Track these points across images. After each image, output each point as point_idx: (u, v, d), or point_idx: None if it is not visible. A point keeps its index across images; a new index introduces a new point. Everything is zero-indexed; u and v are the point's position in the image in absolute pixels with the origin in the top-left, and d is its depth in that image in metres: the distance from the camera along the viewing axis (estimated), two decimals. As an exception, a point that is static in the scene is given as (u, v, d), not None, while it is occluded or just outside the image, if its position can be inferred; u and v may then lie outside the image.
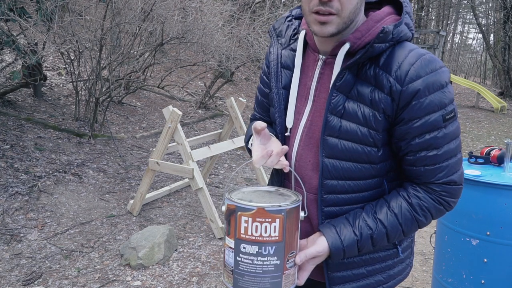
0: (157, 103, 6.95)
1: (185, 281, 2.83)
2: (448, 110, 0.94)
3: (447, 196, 1.00)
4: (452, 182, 0.99)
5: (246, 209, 0.85)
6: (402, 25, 0.95)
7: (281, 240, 0.87)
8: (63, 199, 3.71)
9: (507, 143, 2.23)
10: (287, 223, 0.87)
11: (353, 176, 1.01)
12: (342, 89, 0.97)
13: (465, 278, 2.16)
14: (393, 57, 0.94)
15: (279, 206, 0.86)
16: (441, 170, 0.97)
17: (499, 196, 2.01)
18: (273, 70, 1.11)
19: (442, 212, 1.03)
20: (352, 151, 0.98)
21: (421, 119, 0.93)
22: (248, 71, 10.06)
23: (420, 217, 1.00)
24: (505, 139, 2.26)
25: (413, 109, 0.92)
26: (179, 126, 3.39)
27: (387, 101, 0.94)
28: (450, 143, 0.96)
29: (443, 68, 0.94)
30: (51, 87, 6.00)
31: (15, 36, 4.41)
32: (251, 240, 0.85)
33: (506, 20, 14.16)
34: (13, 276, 2.75)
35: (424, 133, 0.94)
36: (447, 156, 0.97)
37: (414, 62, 0.92)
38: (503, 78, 14.73)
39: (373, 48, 0.93)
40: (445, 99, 0.93)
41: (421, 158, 0.97)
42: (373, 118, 0.95)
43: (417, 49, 0.96)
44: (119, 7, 4.67)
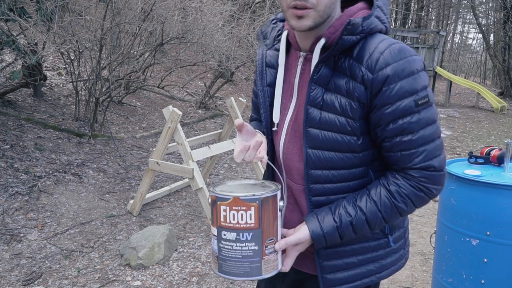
0: (157, 103, 6.95)
1: (185, 281, 2.83)
2: (420, 96, 0.96)
3: (427, 182, 1.00)
4: (431, 167, 1.00)
5: (223, 198, 0.93)
6: (372, 17, 0.99)
7: (258, 227, 0.94)
8: (63, 199, 3.71)
9: (507, 143, 2.23)
10: (262, 211, 0.94)
11: (336, 166, 1.04)
12: (319, 82, 1.02)
13: (465, 278, 2.16)
14: (364, 48, 0.98)
15: (253, 195, 0.93)
16: (418, 155, 0.99)
17: (499, 196, 2.01)
18: (258, 69, 1.18)
19: (424, 199, 1.03)
20: (333, 140, 1.02)
21: (393, 105, 0.95)
22: (248, 71, 10.05)
23: (399, 203, 1.02)
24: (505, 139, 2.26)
25: (384, 95, 0.95)
26: (179, 126, 3.39)
27: (360, 90, 0.97)
28: (425, 128, 0.97)
29: (414, 56, 0.97)
30: (51, 87, 6.00)
31: (15, 36, 4.41)
32: (229, 227, 0.93)
33: (506, 20, 14.16)
34: (13, 276, 2.75)
35: (397, 119, 0.96)
36: (424, 141, 0.98)
37: (384, 51, 0.96)
38: (503, 78, 14.73)
39: (343, 40, 0.97)
40: (416, 85, 0.95)
41: (396, 144, 0.99)
42: (349, 107, 0.99)
43: (388, 39, 0.99)
44: (119, 7, 4.67)
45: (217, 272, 0.99)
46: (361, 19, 0.97)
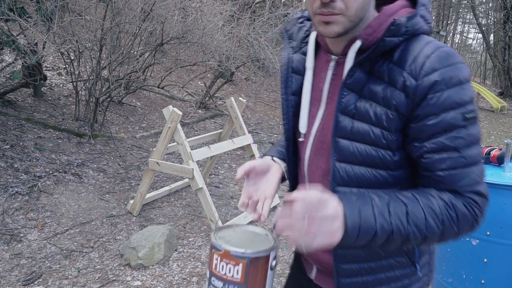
0: (157, 103, 6.95)
1: (185, 281, 2.83)
2: (468, 109, 0.84)
3: (477, 207, 0.86)
4: (480, 193, 0.86)
5: (217, 248, 0.94)
6: (417, 17, 0.88)
7: (243, 283, 0.93)
8: (63, 199, 3.71)
9: (507, 143, 2.23)
10: (250, 269, 0.93)
11: (367, 184, 0.92)
12: (353, 87, 0.91)
13: (465, 278, 2.16)
14: (407, 51, 0.87)
15: (243, 253, 0.92)
16: (465, 176, 0.85)
17: (499, 196, 2.01)
18: (283, 75, 1.07)
19: (468, 222, 0.86)
20: (365, 154, 0.90)
21: (438, 116, 0.84)
22: (248, 71, 10.06)
23: (445, 216, 0.84)
24: (505, 139, 2.26)
25: (429, 104, 0.83)
26: (179, 126, 3.39)
27: (400, 98, 0.86)
28: (471, 146, 0.85)
29: (462, 64, 0.86)
30: (51, 87, 6.00)
31: (15, 36, 4.41)
32: (218, 276, 0.95)
33: (506, 20, 14.16)
34: (13, 276, 2.75)
35: (441, 132, 0.84)
36: (470, 161, 0.85)
37: (430, 55, 0.84)
38: (503, 78, 14.73)
39: (385, 42, 0.86)
40: (464, 96, 0.84)
41: (439, 161, 0.85)
42: (385, 116, 0.87)
43: (434, 41, 0.87)
44: (119, 7, 4.67)
45: None
46: (405, 18, 0.86)
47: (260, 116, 7.87)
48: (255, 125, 7.19)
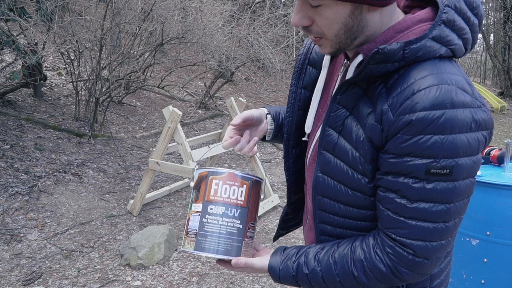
0: (157, 103, 6.95)
1: (185, 281, 2.83)
2: (439, 164, 0.73)
3: (398, 263, 0.81)
4: (409, 248, 0.79)
5: (218, 173, 0.96)
6: (424, 41, 0.75)
7: (245, 205, 0.96)
8: (63, 199, 3.71)
9: (507, 143, 2.23)
10: (252, 192, 0.97)
11: (344, 201, 0.88)
12: (344, 103, 0.85)
13: (465, 278, 2.16)
14: (402, 79, 0.77)
15: (248, 174, 0.97)
16: (404, 227, 0.79)
17: (499, 196, 2.01)
18: (298, 64, 1.00)
19: (391, 280, 0.83)
20: (343, 173, 0.86)
21: (400, 158, 0.76)
22: (248, 71, 10.05)
23: (358, 274, 0.85)
24: (505, 139, 2.26)
25: (395, 142, 0.76)
26: (179, 126, 3.39)
27: (375, 129, 0.78)
28: (429, 203, 0.76)
29: (458, 110, 0.72)
30: (51, 87, 6.00)
31: (15, 36, 4.41)
32: (219, 201, 0.95)
33: (506, 20, 14.16)
34: (13, 276, 2.75)
35: (399, 174, 0.77)
36: (419, 216, 0.77)
37: (418, 91, 0.73)
38: (503, 78, 14.73)
39: (369, 69, 0.77)
40: (439, 149, 0.72)
41: (387, 199, 0.80)
42: (361, 144, 0.81)
43: (436, 74, 0.74)
44: (119, 7, 4.67)
45: (192, 251, 0.96)
46: (401, 44, 0.75)
47: (260, 116, 7.86)
48: (255, 125, 7.18)
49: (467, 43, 0.81)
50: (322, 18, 0.78)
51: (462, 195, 0.77)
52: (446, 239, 0.80)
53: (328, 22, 0.78)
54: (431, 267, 0.82)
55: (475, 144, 0.75)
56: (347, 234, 0.92)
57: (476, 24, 0.81)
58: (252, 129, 1.09)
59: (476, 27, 0.81)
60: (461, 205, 0.79)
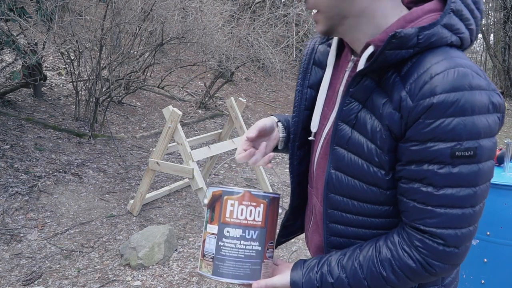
0: (157, 103, 6.95)
1: (185, 281, 2.83)
2: (463, 146, 0.73)
3: (429, 256, 0.79)
4: (439, 238, 0.78)
5: (232, 192, 0.91)
6: (437, 27, 0.77)
7: (263, 226, 0.91)
8: (63, 199, 3.72)
9: (507, 143, 2.23)
10: (269, 210, 0.93)
11: (358, 197, 0.87)
12: (357, 96, 0.85)
13: (465, 278, 2.16)
14: (416, 66, 0.77)
15: (264, 192, 0.92)
16: (432, 216, 0.78)
17: (499, 196, 2.01)
18: (303, 64, 1.01)
19: (422, 275, 0.81)
20: (358, 167, 0.85)
21: (423, 144, 0.76)
22: (248, 71, 10.05)
23: (387, 275, 0.83)
24: (505, 139, 2.26)
25: (417, 128, 0.75)
26: (179, 126, 3.39)
27: (393, 117, 0.78)
28: (456, 188, 0.76)
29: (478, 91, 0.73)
30: (51, 87, 6.00)
31: (15, 36, 4.41)
32: (235, 223, 0.90)
33: (506, 20, 14.16)
34: (13, 276, 2.75)
35: (422, 162, 0.77)
36: (447, 202, 0.76)
37: (436, 74, 0.74)
38: (503, 78, 14.73)
39: (385, 55, 0.77)
40: (462, 131, 0.73)
41: (412, 190, 0.79)
42: (379, 134, 0.81)
43: (451, 59, 0.75)
44: (119, 7, 4.67)
45: (210, 276, 0.92)
46: (416, 29, 0.76)
47: (260, 116, 7.87)
48: (255, 125, 7.18)
49: (472, 34, 0.83)
50: None
51: (486, 177, 0.78)
52: (473, 225, 0.79)
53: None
54: (461, 257, 0.81)
55: (494, 126, 0.76)
56: (359, 233, 0.91)
57: (479, 17, 0.83)
58: (265, 139, 1.07)
59: (479, 20, 0.83)
60: (485, 188, 0.79)
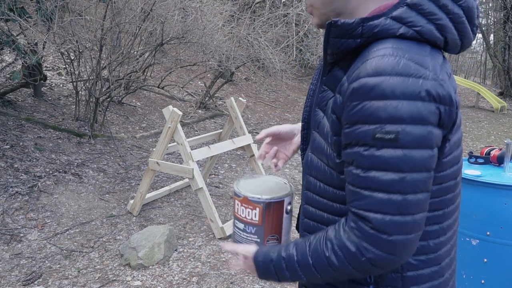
0: (157, 103, 6.95)
1: (185, 281, 2.83)
2: (384, 129, 0.74)
3: (360, 237, 0.79)
4: (366, 220, 0.78)
5: (237, 195, 1.07)
6: (382, 19, 0.80)
7: (260, 224, 1.05)
8: (63, 199, 3.72)
9: (507, 143, 2.23)
10: (266, 212, 1.04)
11: (322, 178, 0.91)
12: (328, 84, 0.90)
13: (465, 278, 2.16)
14: (363, 53, 0.82)
15: (259, 198, 1.04)
16: (359, 198, 0.79)
17: (499, 196, 2.01)
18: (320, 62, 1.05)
19: (357, 259, 0.80)
20: (321, 148, 0.89)
21: (352, 126, 0.78)
22: (248, 71, 10.05)
23: (328, 253, 0.83)
24: (505, 139, 2.26)
25: (346, 111, 0.79)
26: (179, 126, 3.39)
27: (336, 101, 0.83)
28: (380, 171, 0.76)
29: (407, 78, 0.74)
30: (51, 87, 6.00)
31: (15, 36, 4.41)
32: (239, 218, 1.08)
33: (506, 20, 14.17)
34: (13, 276, 2.75)
35: (353, 145, 0.79)
36: (372, 185, 0.77)
37: (368, 59, 0.77)
38: (503, 78, 14.73)
39: (331, 43, 0.83)
40: (382, 113, 0.74)
41: (347, 173, 0.81)
42: (329, 116, 0.86)
43: (393, 48, 0.78)
44: (119, 7, 4.67)
45: None
46: (358, 19, 0.81)
47: (260, 116, 7.87)
48: (255, 125, 7.19)
49: (443, 30, 0.82)
50: None
51: (416, 166, 0.76)
52: (409, 214, 0.77)
53: None
54: (398, 247, 0.78)
55: (426, 114, 0.75)
56: (324, 218, 0.92)
57: (458, 14, 0.82)
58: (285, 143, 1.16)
59: (460, 17, 0.82)
60: (420, 178, 0.77)
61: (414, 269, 0.89)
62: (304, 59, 9.66)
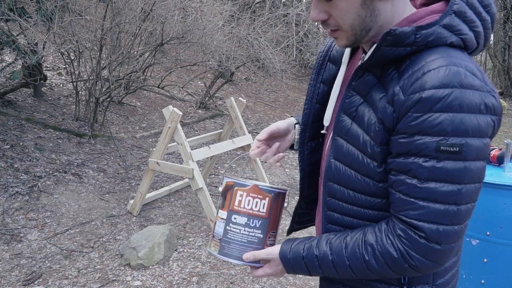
0: (157, 103, 6.95)
1: (185, 281, 2.83)
2: (448, 142, 0.75)
3: (409, 247, 0.81)
4: (420, 230, 0.79)
5: (243, 185, 1.01)
6: (435, 27, 0.80)
7: (267, 217, 1.02)
8: (63, 199, 3.72)
9: (507, 143, 2.23)
10: (274, 204, 1.03)
11: (353, 187, 0.90)
12: (358, 90, 0.90)
13: (465, 278, 2.16)
14: (413, 63, 0.80)
15: (271, 187, 1.02)
16: (414, 208, 0.80)
17: (499, 196, 2.01)
18: (318, 60, 1.06)
19: (401, 266, 0.82)
20: (354, 158, 0.88)
21: (410, 137, 0.78)
22: (248, 71, 10.05)
23: (368, 258, 0.85)
24: (505, 139, 2.26)
25: (406, 121, 0.78)
26: (179, 126, 3.39)
27: (386, 111, 0.81)
28: (440, 183, 0.77)
29: (470, 91, 0.75)
30: (51, 87, 6.00)
31: (15, 36, 4.41)
32: (242, 212, 1.01)
33: (506, 20, 14.16)
34: (13, 276, 2.75)
35: (409, 154, 0.79)
36: (430, 196, 0.78)
37: (428, 71, 0.77)
38: (503, 78, 14.72)
39: (381, 52, 0.82)
40: (448, 126, 0.75)
41: (399, 182, 0.82)
42: (373, 127, 0.84)
43: (448, 58, 0.77)
44: (119, 7, 4.67)
45: (216, 254, 1.04)
46: (413, 28, 0.79)
47: (260, 116, 7.87)
48: (255, 125, 7.19)
49: (478, 36, 0.84)
50: (337, 10, 0.84)
51: (473, 177, 0.78)
52: (458, 224, 0.80)
53: (342, 13, 0.84)
54: (443, 256, 0.81)
55: (484, 126, 0.77)
56: (353, 223, 0.93)
57: (488, 20, 0.85)
58: (280, 140, 1.15)
59: (488, 23, 0.85)
60: (473, 189, 0.79)
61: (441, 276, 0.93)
62: (304, 59, 9.66)
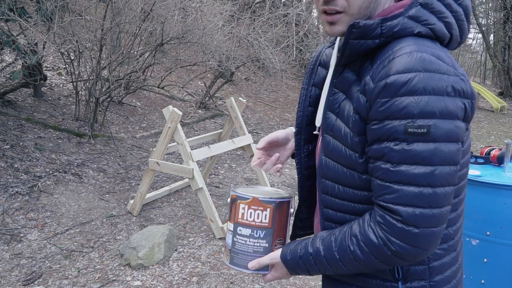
0: (157, 103, 6.95)
1: (185, 281, 2.83)
2: (416, 124, 0.77)
3: (387, 232, 0.81)
4: (395, 213, 0.80)
5: (244, 198, 1.03)
6: (401, 18, 0.83)
7: (270, 226, 1.04)
8: (63, 199, 3.72)
9: (507, 143, 2.23)
10: (276, 213, 1.04)
11: (341, 181, 0.92)
12: (340, 87, 0.92)
13: (465, 278, 2.16)
14: (382, 53, 0.84)
15: (270, 198, 1.03)
16: (390, 192, 0.81)
17: (499, 196, 2.01)
18: (310, 65, 1.10)
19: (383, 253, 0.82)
20: (339, 151, 0.90)
21: (381, 122, 0.80)
22: (248, 71, 10.05)
23: (353, 248, 0.86)
24: (505, 139, 2.26)
25: (375, 108, 0.81)
26: (179, 126, 3.39)
27: (360, 100, 0.84)
28: (411, 165, 0.78)
29: (436, 74, 0.78)
30: (51, 87, 6.00)
31: (15, 36, 4.41)
32: (245, 224, 1.03)
33: (506, 20, 14.16)
34: (13, 276, 2.75)
35: (382, 140, 0.81)
36: (403, 179, 0.79)
37: (395, 57, 0.80)
38: (503, 78, 14.73)
39: (350, 44, 0.85)
40: (414, 109, 0.77)
41: (375, 168, 0.83)
42: (351, 118, 0.87)
43: (416, 45, 0.81)
44: (119, 7, 4.67)
45: (228, 264, 1.08)
46: (378, 20, 0.83)
47: (260, 116, 7.87)
48: (255, 125, 7.19)
49: (450, 27, 0.87)
50: None
51: (445, 158, 0.79)
52: (437, 207, 0.80)
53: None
54: (424, 241, 0.80)
55: (453, 109, 0.79)
56: (346, 219, 0.94)
57: (459, 12, 0.88)
58: (280, 149, 1.18)
59: (461, 14, 0.88)
60: (448, 171, 0.80)
61: (439, 258, 0.93)
62: (304, 59, 9.66)
